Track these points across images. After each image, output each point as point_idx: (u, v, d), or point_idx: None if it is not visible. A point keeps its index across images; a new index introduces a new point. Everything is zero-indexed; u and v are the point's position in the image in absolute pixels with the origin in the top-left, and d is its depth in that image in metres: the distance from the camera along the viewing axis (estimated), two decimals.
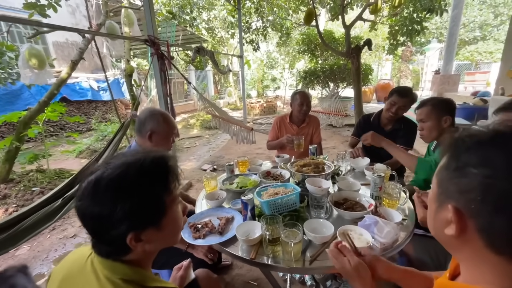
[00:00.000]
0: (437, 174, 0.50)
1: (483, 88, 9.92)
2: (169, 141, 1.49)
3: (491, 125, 0.45)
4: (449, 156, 0.47)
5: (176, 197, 0.64)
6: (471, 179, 0.41)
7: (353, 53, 5.03)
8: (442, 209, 0.47)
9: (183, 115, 9.84)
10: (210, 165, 4.36)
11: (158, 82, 3.00)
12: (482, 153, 0.42)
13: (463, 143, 0.45)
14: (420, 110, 1.55)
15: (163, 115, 1.45)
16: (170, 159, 0.64)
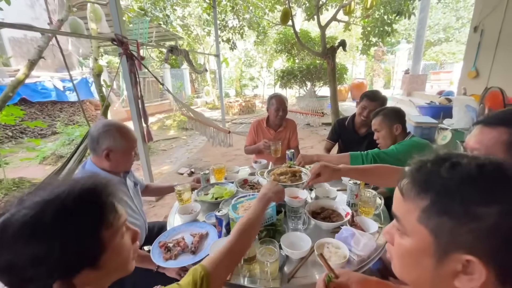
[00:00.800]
0: (423, 220, 0.42)
1: (447, 86, 10.61)
2: (130, 157, 1.33)
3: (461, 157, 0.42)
4: (437, 197, 0.40)
5: (118, 229, 0.55)
6: (488, 221, 0.36)
7: (328, 53, 5.11)
8: (447, 261, 0.40)
9: (159, 115, 9.50)
10: (188, 169, 4.22)
11: (128, 84, 2.82)
12: (485, 188, 0.38)
13: (449, 179, 0.40)
14: (374, 121, 1.64)
15: (119, 129, 1.27)
16: (104, 189, 0.54)
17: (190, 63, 4.66)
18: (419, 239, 0.43)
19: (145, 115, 2.98)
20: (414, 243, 0.44)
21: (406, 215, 0.45)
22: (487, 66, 4.71)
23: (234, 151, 4.75)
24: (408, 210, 0.44)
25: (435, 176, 0.41)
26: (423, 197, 0.42)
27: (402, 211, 0.46)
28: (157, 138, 6.58)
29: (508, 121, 0.73)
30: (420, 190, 0.42)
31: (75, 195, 0.49)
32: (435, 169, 0.42)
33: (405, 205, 0.45)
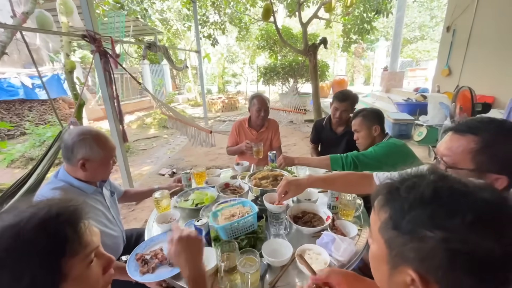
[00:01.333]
0: (381, 231, 0.46)
1: (423, 83, 11.07)
2: (108, 166, 1.25)
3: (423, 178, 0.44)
4: (392, 213, 0.44)
5: (84, 257, 0.52)
6: (430, 244, 0.39)
7: (310, 51, 5.14)
8: (397, 272, 0.44)
9: (138, 113, 9.17)
10: (169, 169, 4.11)
11: (103, 83, 2.68)
12: (430, 213, 0.40)
13: (404, 199, 0.43)
14: (354, 121, 1.68)
15: (95, 137, 1.18)
16: (70, 217, 0.50)
17: (170, 59, 4.51)
18: (379, 247, 0.48)
19: (121, 115, 2.85)
20: (376, 249, 0.49)
21: (373, 224, 0.50)
22: (459, 64, 4.95)
23: (217, 150, 4.68)
24: (374, 220, 0.49)
25: (396, 193, 0.45)
26: (385, 210, 0.46)
27: (372, 220, 0.51)
28: (136, 137, 6.37)
29: (476, 129, 0.73)
30: (383, 203, 0.46)
31: (36, 223, 0.46)
32: (398, 187, 0.45)
33: (373, 215, 0.50)
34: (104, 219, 1.27)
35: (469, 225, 0.37)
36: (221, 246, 0.97)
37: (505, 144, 0.69)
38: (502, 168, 0.69)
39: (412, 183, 0.44)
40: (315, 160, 1.63)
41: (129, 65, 11.50)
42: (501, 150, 0.69)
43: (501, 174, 0.69)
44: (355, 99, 2.10)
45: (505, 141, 0.69)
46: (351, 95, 2.10)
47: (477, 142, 0.71)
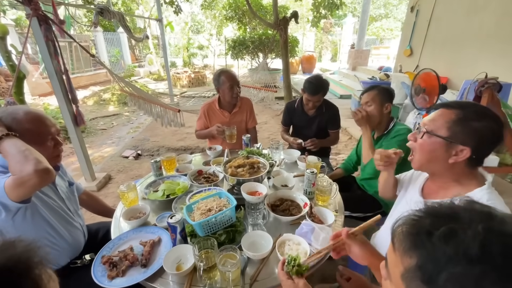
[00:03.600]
0: (405, 280, 0.40)
1: (385, 60, 11.56)
2: (45, 147, 1.06)
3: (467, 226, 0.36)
4: (423, 264, 0.37)
5: None
6: None
7: (281, 25, 4.94)
8: None
9: (94, 88, 8.29)
10: (133, 151, 3.84)
11: (46, 55, 2.28)
12: (479, 275, 0.33)
13: (440, 250, 0.35)
14: (366, 94, 1.59)
15: (27, 114, 1.01)
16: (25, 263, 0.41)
17: (127, 28, 4.01)
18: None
19: (72, 93, 2.50)
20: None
21: (393, 266, 0.43)
22: (419, 45, 5.18)
23: (185, 129, 4.46)
24: (395, 262, 0.42)
25: (427, 239, 0.37)
26: (411, 255, 0.39)
27: (391, 260, 0.44)
28: (94, 115, 5.80)
29: (462, 106, 0.84)
30: (409, 247, 0.39)
31: None
32: (430, 231, 0.37)
33: (393, 255, 0.42)
34: (57, 216, 1.12)
35: None
36: (199, 244, 0.91)
37: (475, 121, 0.80)
38: (468, 140, 0.80)
39: (450, 230, 0.36)
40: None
41: (79, 33, 10.11)
42: (472, 125, 0.80)
43: (466, 146, 0.80)
44: (326, 88, 2.02)
45: (477, 119, 0.80)
46: (323, 85, 1.99)
47: (458, 114, 0.82)
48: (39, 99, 6.93)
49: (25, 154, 0.86)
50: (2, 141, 0.89)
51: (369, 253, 0.78)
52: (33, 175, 0.84)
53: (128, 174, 3.24)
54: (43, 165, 0.86)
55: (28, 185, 0.86)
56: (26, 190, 0.88)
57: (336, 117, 2.17)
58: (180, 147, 4.00)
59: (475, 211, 0.38)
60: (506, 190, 2.35)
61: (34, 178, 0.84)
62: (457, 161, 0.82)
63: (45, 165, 0.87)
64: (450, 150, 0.82)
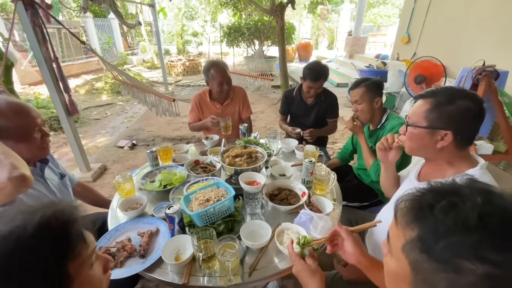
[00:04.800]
0: (406, 251, 0.41)
1: (382, 48, 11.44)
2: (31, 140, 1.03)
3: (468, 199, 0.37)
4: (423, 235, 0.39)
5: (86, 259, 0.50)
6: (469, 277, 0.34)
7: (277, 11, 4.82)
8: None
9: (85, 76, 8.08)
10: (128, 141, 3.79)
11: (34, 41, 2.20)
12: (476, 243, 0.34)
13: (441, 222, 0.37)
14: (355, 92, 1.54)
15: (9, 105, 0.97)
16: (67, 218, 0.48)
17: (118, 14, 3.87)
18: (400, 266, 0.43)
19: (64, 82, 2.42)
20: (396, 267, 0.45)
21: (394, 239, 0.45)
22: (417, 32, 5.12)
23: (181, 118, 4.39)
24: (397, 235, 0.44)
25: (429, 212, 0.39)
26: (412, 228, 0.41)
27: (392, 234, 0.46)
28: (87, 104, 5.68)
29: (433, 94, 0.88)
30: (411, 220, 0.41)
31: (34, 229, 0.43)
32: (432, 204, 0.39)
33: (395, 229, 0.45)
34: None
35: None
36: (197, 234, 0.91)
37: (448, 105, 0.84)
38: (447, 124, 0.84)
39: (451, 203, 0.38)
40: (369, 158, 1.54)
41: (68, 19, 9.75)
42: (446, 110, 0.84)
43: (447, 130, 0.84)
44: (327, 74, 1.99)
45: (449, 103, 0.84)
46: (324, 70, 1.95)
47: (431, 102, 0.87)
48: (29, 88, 6.75)
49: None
50: None
51: (360, 252, 0.79)
52: (7, 183, 0.77)
53: (124, 164, 3.21)
54: (18, 172, 0.79)
55: (3, 192, 0.79)
56: (2, 197, 0.80)
57: (335, 106, 2.15)
58: (176, 137, 3.96)
59: (475, 187, 0.40)
60: (499, 178, 2.39)
61: (8, 186, 0.77)
62: (445, 145, 0.86)
63: (21, 172, 0.80)
64: (435, 137, 0.87)
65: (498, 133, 2.41)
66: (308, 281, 0.76)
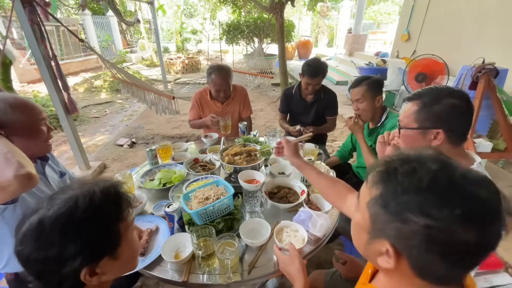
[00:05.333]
0: (369, 206, 0.49)
1: (382, 46, 11.40)
2: (38, 134, 1.04)
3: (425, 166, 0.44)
4: (384, 193, 0.46)
5: (130, 224, 0.61)
6: (412, 227, 0.42)
7: (276, 8, 4.80)
8: (375, 242, 0.49)
9: (84, 74, 8.06)
10: (127, 139, 3.79)
11: (32, 40, 2.19)
12: (422, 201, 0.42)
13: (400, 183, 0.44)
14: (356, 90, 1.53)
15: (7, 101, 0.97)
16: (120, 188, 0.60)
17: (117, 11, 3.86)
18: (363, 218, 0.51)
19: (63, 80, 2.42)
20: (360, 219, 0.53)
21: (362, 196, 0.53)
22: (417, 29, 5.10)
23: (180, 116, 4.39)
24: (365, 193, 0.51)
25: (393, 175, 0.46)
26: (377, 188, 0.48)
27: (362, 193, 0.53)
28: (86, 102, 5.67)
29: (420, 95, 0.90)
30: (378, 181, 0.48)
31: (99, 193, 0.55)
32: (397, 168, 0.46)
33: (364, 188, 0.52)
34: None
35: (456, 218, 0.40)
36: (197, 232, 0.91)
37: (434, 105, 0.85)
38: (437, 123, 0.85)
39: (412, 168, 0.44)
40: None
41: (67, 16, 9.69)
42: (433, 109, 0.86)
43: (438, 129, 0.85)
44: (325, 70, 1.99)
45: (434, 103, 0.86)
46: (322, 67, 1.95)
47: (418, 104, 0.89)
48: (28, 86, 6.72)
49: (7, 157, 0.80)
50: None
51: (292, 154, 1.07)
52: (13, 181, 0.77)
53: (123, 162, 3.21)
54: (25, 170, 0.79)
55: (8, 190, 0.79)
56: (7, 195, 0.80)
57: (334, 103, 2.15)
58: (175, 135, 3.96)
59: (435, 157, 0.46)
60: (498, 175, 2.40)
61: (14, 184, 0.77)
62: (439, 144, 0.87)
63: (27, 170, 0.80)
64: (428, 137, 0.88)
65: (497, 131, 2.41)
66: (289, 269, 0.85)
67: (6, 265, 1.03)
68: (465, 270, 0.46)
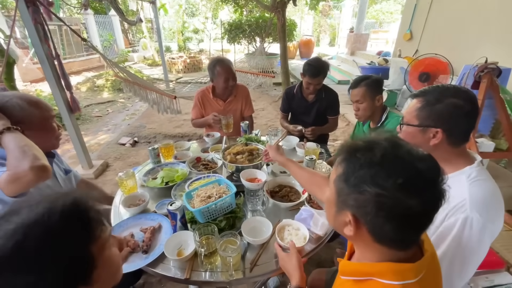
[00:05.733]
0: (335, 182, 0.57)
1: (384, 45, 11.36)
2: (50, 129, 1.10)
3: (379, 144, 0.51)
4: (346, 170, 0.54)
5: (105, 241, 0.53)
6: (366, 196, 0.49)
7: (278, 7, 4.79)
8: (341, 214, 0.57)
9: (87, 74, 8.09)
10: (130, 138, 3.81)
11: (35, 39, 2.20)
12: (374, 173, 0.49)
13: (358, 160, 0.52)
14: (356, 91, 1.53)
15: (23, 98, 1.02)
16: (86, 203, 0.51)
17: (119, 11, 3.87)
18: (331, 194, 0.59)
19: (66, 79, 2.43)
20: (329, 195, 0.60)
21: (331, 175, 0.60)
22: (420, 28, 5.08)
23: (182, 116, 4.40)
24: (333, 172, 0.59)
25: (353, 154, 0.53)
26: (341, 166, 0.55)
27: (332, 172, 0.61)
28: (88, 101, 5.69)
29: (424, 93, 0.91)
30: (342, 160, 0.56)
31: (58, 216, 0.46)
32: (357, 149, 0.53)
33: (334, 167, 0.60)
34: None
35: (398, 186, 0.47)
36: (199, 230, 0.92)
37: (437, 104, 0.86)
38: (437, 122, 0.86)
39: (369, 147, 0.52)
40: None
41: (69, 15, 9.72)
42: (435, 109, 0.86)
43: (437, 128, 0.85)
44: (327, 70, 1.98)
45: (437, 101, 0.86)
46: (323, 67, 1.95)
47: (421, 101, 0.89)
48: (30, 85, 6.76)
49: (24, 149, 0.84)
50: (3, 135, 0.87)
51: (276, 155, 1.16)
52: (29, 172, 0.81)
53: (126, 161, 3.22)
54: (40, 162, 0.84)
55: (23, 181, 0.83)
56: (21, 186, 0.85)
57: (336, 103, 2.15)
58: (177, 134, 3.97)
59: (390, 139, 0.53)
60: (500, 175, 2.39)
61: (29, 175, 0.81)
62: (437, 143, 0.87)
63: (42, 163, 0.85)
64: (426, 135, 0.88)
65: (500, 130, 2.40)
66: (287, 266, 0.88)
67: None
68: (414, 232, 0.53)
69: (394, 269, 0.53)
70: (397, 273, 0.52)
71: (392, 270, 0.53)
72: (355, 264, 0.62)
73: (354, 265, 0.62)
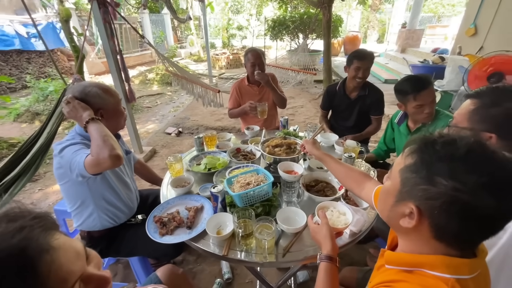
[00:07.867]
0: (401, 172, 0.55)
1: (441, 42, 10.31)
2: (121, 113, 1.30)
3: (464, 139, 0.49)
4: (419, 160, 0.52)
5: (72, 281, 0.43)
6: (440, 189, 0.47)
7: (324, 3, 4.68)
8: (400, 204, 0.55)
9: (140, 68, 8.83)
10: (175, 128, 4.11)
11: (104, 36, 2.51)
12: (454, 168, 0.47)
13: (436, 152, 0.50)
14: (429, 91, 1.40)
15: (100, 87, 1.21)
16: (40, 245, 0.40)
17: (172, 9, 4.17)
18: (393, 184, 0.57)
19: (125, 72, 2.73)
20: (389, 185, 0.59)
21: (396, 165, 0.58)
22: (487, 23, 4.52)
23: (223, 110, 4.58)
24: (399, 162, 0.57)
25: (430, 145, 0.51)
26: (412, 157, 0.53)
27: (396, 162, 0.59)
28: (140, 93, 6.24)
29: (480, 94, 0.85)
30: (414, 151, 0.54)
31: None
32: (435, 140, 0.51)
33: (399, 159, 0.58)
34: (121, 174, 1.32)
35: (482, 183, 0.44)
36: (238, 213, 1.00)
37: (492, 107, 0.80)
38: (490, 127, 0.80)
39: (452, 140, 0.49)
40: None
41: (128, 15, 10.70)
42: (489, 113, 0.81)
43: (491, 133, 0.80)
44: (373, 57, 2.00)
45: (493, 105, 0.80)
46: (369, 52, 1.98)
47: (475, 104, 0.84)
48: (95, 78, 7.64)
49: (104, 139, 1.02)
50: (88, 124, 1.07)
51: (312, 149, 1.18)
52: (107, 159, 1.00)
53: (171, 149, 3.50)
54: (116, 151, 1.02)
55: (102, 166, 1.02)
56: (100, 169, 1.05)
57: (380, 102, 2.06)
58: (217, 127, 4.17)
59: (475, 135, 0.50)
60: None
61: (107, 161, 1.00)
62: None
63: (118, 152, 1.03)
64: None
65: None
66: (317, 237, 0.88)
67: (82, 223, 1.25)
68: (480, 235, 0.50)
69: (447, 263, 0.51)
70: (450, 266, 0.50)
71: (446, 263, 0.51)
72: (404, 254, 0.59)
73: (402, 255, 0.59)
